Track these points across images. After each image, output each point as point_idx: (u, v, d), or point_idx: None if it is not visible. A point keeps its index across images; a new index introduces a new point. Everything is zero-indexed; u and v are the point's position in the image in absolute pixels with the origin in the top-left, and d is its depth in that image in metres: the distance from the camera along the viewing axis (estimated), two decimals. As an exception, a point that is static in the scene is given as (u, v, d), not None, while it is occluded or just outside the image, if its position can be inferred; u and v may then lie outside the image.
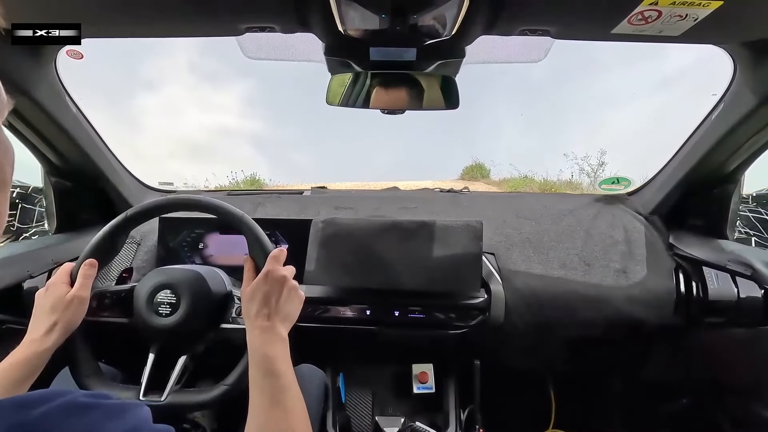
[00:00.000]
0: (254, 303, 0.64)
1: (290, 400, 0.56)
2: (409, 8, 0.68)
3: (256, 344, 0.61)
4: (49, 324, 0.67)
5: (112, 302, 0.78)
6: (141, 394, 0.71)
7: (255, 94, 8.96)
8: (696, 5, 0.65)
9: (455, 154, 16.86)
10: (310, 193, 1.44)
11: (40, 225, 1.24)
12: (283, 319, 0.65)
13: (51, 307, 0.68)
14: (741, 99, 0.91)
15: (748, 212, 1.92)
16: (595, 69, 6.18)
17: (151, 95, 6.72)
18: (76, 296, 0.70)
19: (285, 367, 0.59)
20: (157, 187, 1.44)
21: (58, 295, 0.69)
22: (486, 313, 1.02)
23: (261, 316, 0.63)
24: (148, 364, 0.74)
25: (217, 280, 0.80)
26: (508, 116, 6.50)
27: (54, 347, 0.67)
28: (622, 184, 1.28)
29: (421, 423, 1.08)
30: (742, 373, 1.02)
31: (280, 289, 0.65)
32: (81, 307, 0.71)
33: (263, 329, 0.62)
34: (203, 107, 6.56)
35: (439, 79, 0.94)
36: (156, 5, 0.71)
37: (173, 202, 0.79)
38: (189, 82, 7.44)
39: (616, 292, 1.04)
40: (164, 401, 0.70)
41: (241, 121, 7.97)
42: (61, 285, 0.71)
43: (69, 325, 0.69)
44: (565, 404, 1.44)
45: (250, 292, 0.65)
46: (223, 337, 0.76)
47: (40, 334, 0.66)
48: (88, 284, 0.72)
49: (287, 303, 0.66)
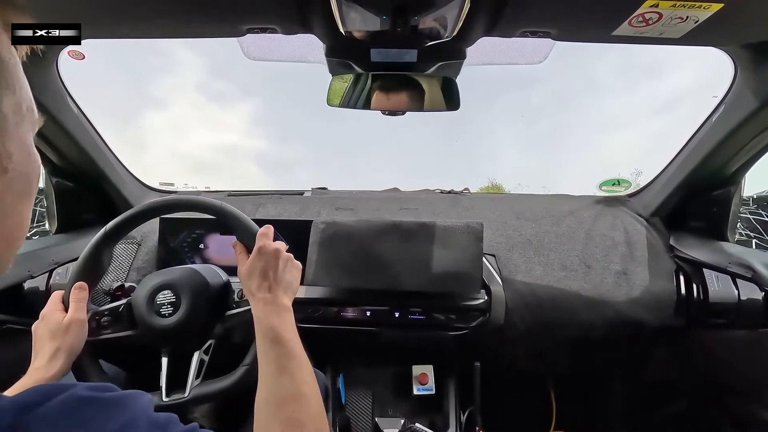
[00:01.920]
0: (253, 278, 0.64)
1: (297, 367, 0.57)
2: (410, 10, 0.68)
3: (260, 315, 0.62)
4: (52, 350, 0.65)
5: (113, 319, 0.77)
6: (164, 395, 0.71)
7: (261, 114, 9.02)
8: (696, 7, 0.65)
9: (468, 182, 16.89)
10: (310, 193, 1.44)
11: (41, 225, 1.24)
12: (285, 288, 0.65)
13: (50, 334, 0.67)
14: (742, 101, 0.91)
15: (749, 214, 1.92)
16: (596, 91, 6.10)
17: (159, 113, 6.81)
18: (73, 320, 0.68)
19: (291, 335, 0.60)
20: (157, 187, 1.44)
21: (55, 321, 0.68)
22: (486, 314, 1.02)
23: (262, 288, 0.63)
24: (164, 367, 0.74)
25: (213, 273, 0.80)
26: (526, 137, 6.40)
27: (60, 374, 0.65)
28: (622, 186, 1.28)
29: (421, 424, 1.08)
30: (743, 375, 1.01)
31: (275, 261, 0.65)
32: (81, 330, 0.69)
33: (266, 301, 0.62)
34: (210, 125, 6.63)
35: (440, 80, 0.94)
36: (157, 6, 0.71)
37: (151, 207, 0.78)
38: (197, 101, 7.52)
39: (617, 294, 1.03)
40: (189, 396, 0.70)
41: (246, 140, 8.03)
42: (55, 312, 0.69)
43: (72, 349, 0.68)
44: (566, 406, 1.43)
45: (246, 270, 0.66)
46: (231, 324, 0.76)
47: (44, 361, 0.65)
48: (83, 306, 0.71)
49: (285, 273, 0.67)
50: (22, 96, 0.34)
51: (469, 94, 0.96)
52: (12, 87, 0.32)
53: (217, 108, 32.08)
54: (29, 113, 0.35)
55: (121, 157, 1.28)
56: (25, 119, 0.34)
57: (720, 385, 1.10)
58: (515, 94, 30.37)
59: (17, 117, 0.33)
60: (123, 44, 0.87)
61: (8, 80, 0.32)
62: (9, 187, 0.32)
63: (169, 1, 0.69)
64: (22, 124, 0.33)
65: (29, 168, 0.35)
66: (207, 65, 31.71)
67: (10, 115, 0.32)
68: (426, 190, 1.49)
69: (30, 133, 0.35)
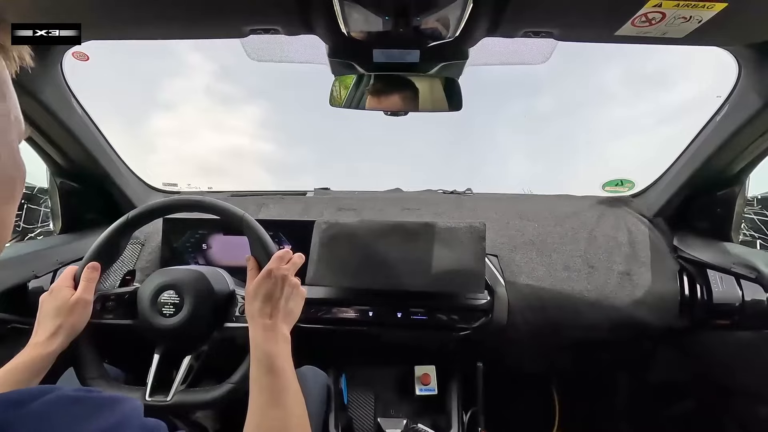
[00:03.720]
0: (257, 301, 0.64)
1: (290, 400, 0.57)
2: (412, 10, 0.68)
3: (258, 341, 0.61)
4: (54, 327, 0.67)
5: (116, 304, 0.78)
6: (147, 394, 0.71)
7: (268, 116, 9.02)
8: (700, 7, 0.65)
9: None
10: (313, 194, 1.44)
11: (46, 225, 1.25)
12: (285, 316, 0.65)
13: (55, 310, 0.69)
14: (745, 101, 0.90)
15: (753, 215, 1.91)
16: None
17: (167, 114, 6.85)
18: (79, 299, 0.70)
19: (286, 365, 0.60)
20: (161, 188, 1.44)
21: (62, 298, 0.70)
22: (489, 314, 1.02)
23: (263, 313, 0.63)
24: (153, 364, 0.74)
25: (220, 279, 0.80)
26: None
27: (58, 351, 0.67)
28: (625, 186, 1.28)
29: (423, 425, 1.08)
30: (748, 375, 1.01)
31: (282, 286, 0.65)
32: (85, 311, 0.71)
33: (265, 327, 0.62)
34: (216, 128, 6.67)
35: (443, 80, 0.94)
36: (159, 7, 0.71)
37: (175, 203, 0.79)
38: (204, 104, 7.56)
39: (620, 295, 1.03)
40: (170, 401, 0.70)
41: (253, 142, 8.06)
42: (64, 288, 0.71)
43: (73, 329, 0.69)
44: (569, 407, 1.43)
45: (252, 290, 0.66)
46: (227, 336, 0.76)
47: (45, 337, 0.67)
48: (92, 287, 0.73)
49: (289, 301, 0.67)
50: (10, 106, 0.36)
51: (473, 99, 0.96)
52: (2, 96, 0.35)
53: (224, 110, 32.40)
54: (16, 122, 0.37)
55: (127, 158, 1.29)
56: (13, 127, 0.36)
57: (724, 386, 1.09)
58: (521, 101, 30.36)
59: (5, 124, 0.35)
60: (136, 48, 0.88)
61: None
62: None
63: (171, 3, 0.70)
64: (9, 132, 0.36)
65: (13, 173, 0.37)
66: (215, 68, 32.05)
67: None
68: (428, 191, 1.49)
69: (16, 141, 0.37)
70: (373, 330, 1.03)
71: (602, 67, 5.89)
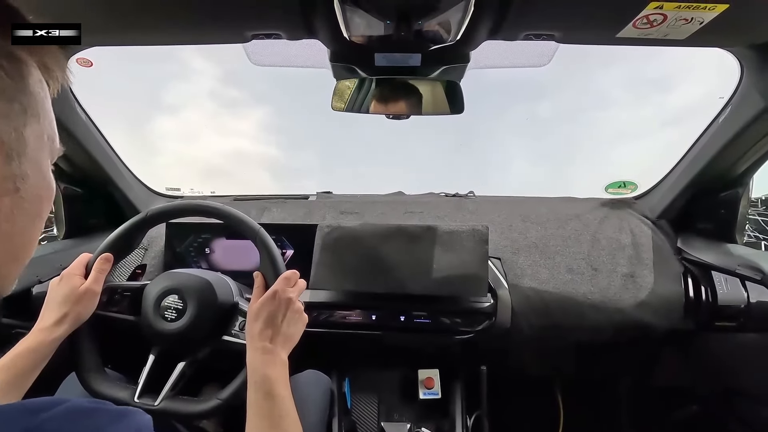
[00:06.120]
0: (259, 322, 0.65)
1: (290, 427, 0.57)
2: (414, 14, 0.68)
3: (256, 364, 0.61)
4: (60, 315, 0.69)
5: (122, 298, 0.80)
6: (137, 395, 0.72)
7: (272, 120, 9.09)
8: (702, 8, 0.65)
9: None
10: (315, 197, 1.44)
11: (49, 230, 1.26)
12: (285, 341, 0.65)
13: (63, 298, 0.70)
14: (748, 102, 0.90)
15: (757, 216, 1.90)
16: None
17: (171, 120, 6.91)
18: (88, 289, 0.72)
19: (285, 391, 0.60)
20: (164, 192, 1.45)
21: (72, 286, 0.71)
22: (492, 318, 1.02)
23: (264, 336, 0.63)
24: (147, 365, 0.75)
25: (225, 288, 0.80)
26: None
27: (61, 338, 0.68)
28: (628, 188, 1.28)
29: (427, 429, 1.08)
30: (753, 378, 1.00)
31: (285, 310, 0.66)
32: (92, 301, 0.73)
33: (265, 350, 0.62)
34: (220, 132, 6.71)
35: (444, 83, 0.94)
36: (162, 12, 0.71)
37: (193, 207, 0.80)
38: (208, 108, 7.62)
39: (624, 297, 1.03)
40: (157, 406, 0.71)
41: (256, 146, 8.11)
42: (75, 277, 0.73)
43: (78, 318, 0.71)
44: (574, 410, 1.42)
45: (256, 309, 0.66)
46: (222, 349, 0.76)
47: (50, 323, 0.68)
48: (101, 278, 0.74)
49: (291, 325, 0.67)
50: (44, 126, 0.36)
51: (475, 102, 0.96)
52: (37, 116, 0.35)
53: (228, 114, 32.58)
54: (50, 142, 0.38)
55: (130, 163, 1.29)
56: (45, 147, 0.37)
57: (730, 388, 1.08)
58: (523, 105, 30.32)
59: (38, 143, 0.36)
60: (140, 53, 0.88)
61: (35, 109, 0.35)
62: (20, 206, 0.34)
63: (174, 8, 0.70)
64: (41, 151, 0.36)
65: (42, 191, 0.37)
66: (221, 72, 32.30)
67: (31, 140, 0.34)
68: (431, 194, 1.49)
69: (47, 160, 0.38)
70: (376, 333, 1.03)
71: (604, 70, 5.90)
